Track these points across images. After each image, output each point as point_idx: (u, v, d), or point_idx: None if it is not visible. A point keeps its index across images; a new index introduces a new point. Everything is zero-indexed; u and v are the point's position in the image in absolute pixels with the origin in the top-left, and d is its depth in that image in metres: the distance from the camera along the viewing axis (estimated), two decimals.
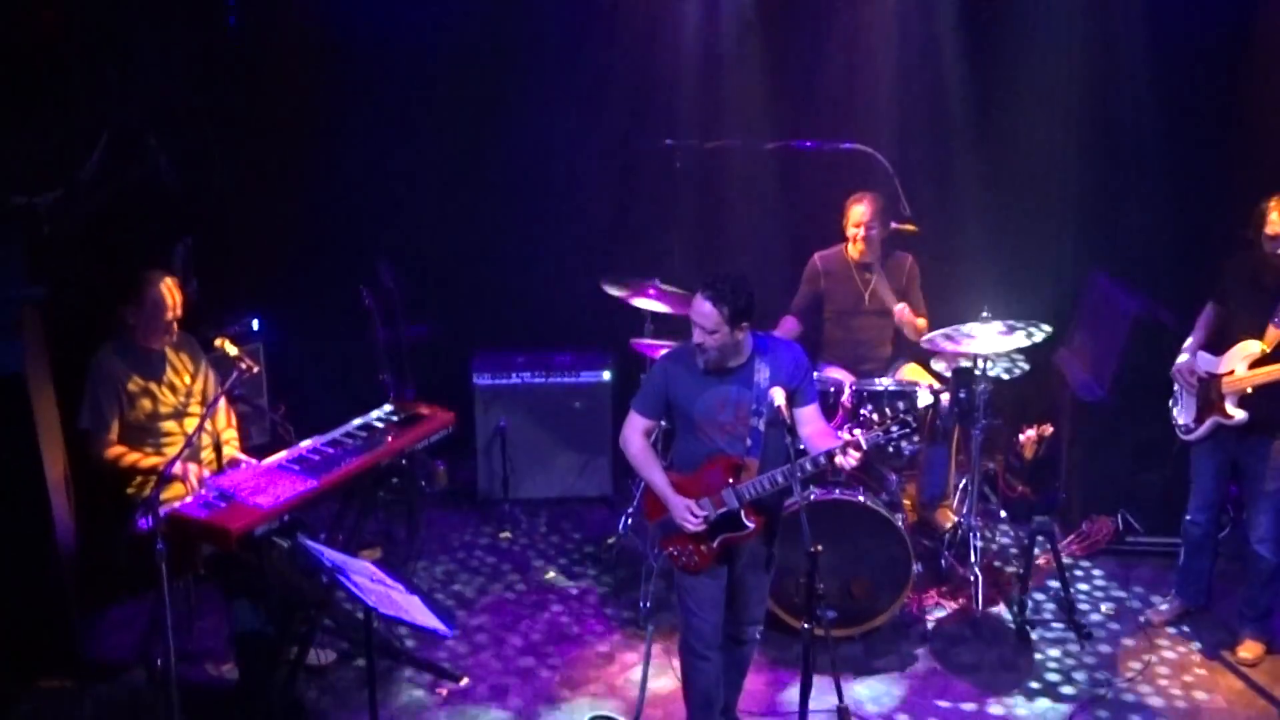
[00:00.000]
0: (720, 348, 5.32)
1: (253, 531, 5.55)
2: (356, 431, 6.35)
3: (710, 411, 5.43)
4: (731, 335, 5.29)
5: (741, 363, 5.41)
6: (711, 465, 5.44)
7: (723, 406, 5.41)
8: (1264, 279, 6.16)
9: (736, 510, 5.39)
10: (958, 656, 6.65)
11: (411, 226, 8.25)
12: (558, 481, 8.16)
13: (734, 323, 5.25)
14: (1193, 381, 6.36)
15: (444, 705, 6.29)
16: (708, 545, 5.45)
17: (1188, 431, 6.46)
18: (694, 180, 8.19)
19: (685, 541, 5.47)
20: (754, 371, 5.38)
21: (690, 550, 5.47)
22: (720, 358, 5.36)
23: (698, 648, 5.62)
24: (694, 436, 5.50)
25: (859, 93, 8.11)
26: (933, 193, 7.80)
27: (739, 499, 5.37)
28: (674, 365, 5.54)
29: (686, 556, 5.50)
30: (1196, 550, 6.76)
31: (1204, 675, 6.49)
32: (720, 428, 5.43)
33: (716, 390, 5.41)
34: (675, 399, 5.50)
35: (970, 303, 6.98)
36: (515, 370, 8.06)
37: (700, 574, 5.51)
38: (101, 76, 6.79)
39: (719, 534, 5.43)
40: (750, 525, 5.41)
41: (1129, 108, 7.99)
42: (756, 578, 5.61)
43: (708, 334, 5.28)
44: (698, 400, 5.44)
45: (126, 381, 6.15)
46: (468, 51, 8.11)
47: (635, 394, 5.66)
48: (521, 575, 7.43)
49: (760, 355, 5.42)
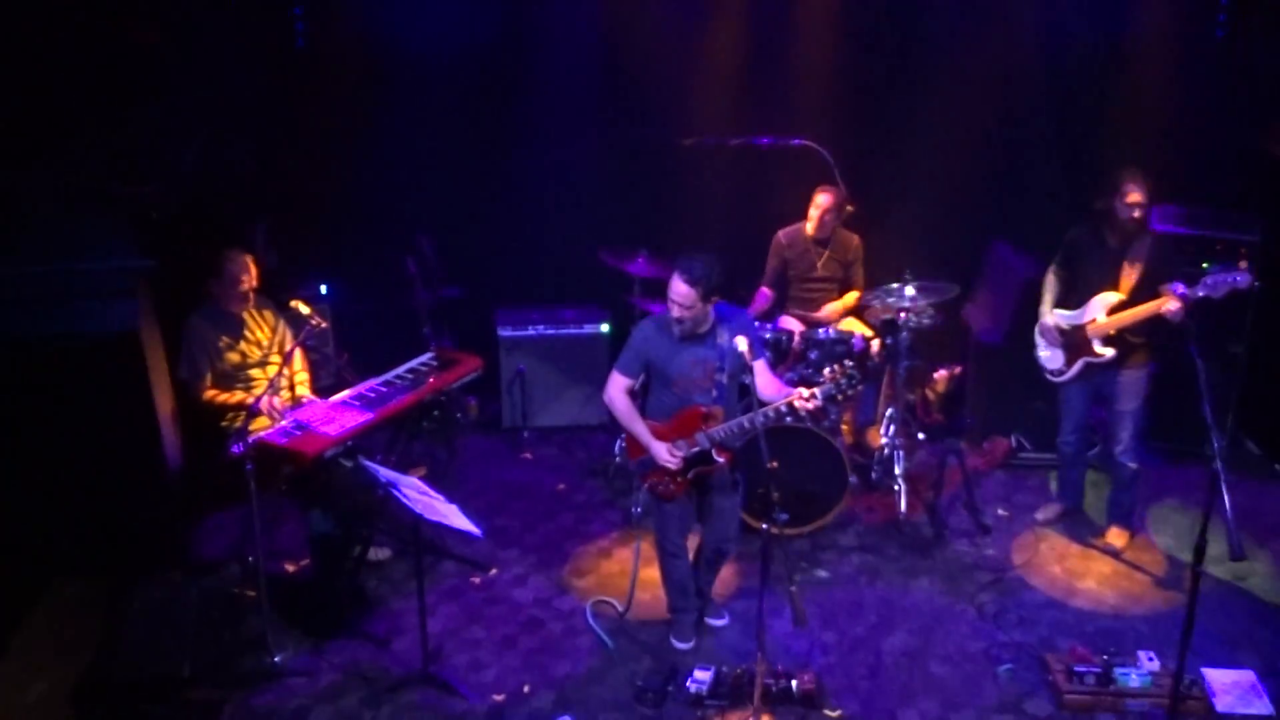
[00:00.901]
0: (694, 320, 5.36)
1: (323, 454, 5.64)
2: (404, 374, 6.40)
3: (684, 370, 5.47)
4: (704, 309, 5.34)
5: (708, 328, 5.45)
6: (684, 414, 5.50)
7: (694, 365, 5.46)
8: (1110, 240, 6.20)
9: (708, 449, 5.47)
10: (885, 550, 6.75)
11: (446, 206, 8.22)
12: (566, 412, 8.19)
13: (706, 299, 5.29)
14: (1058, 335, 6.42)
15: (478, 590, 6.40)
16: (683, 477, 5.55)
17: (1060, 374, 6.50)
18: (673, 169, 8.19)
19: (662, 475, 5.56)
20: (717, 335, 5.42)
21: (667, 482, 5.57)
22: (693, 327, 5.41)
23: (669, 548, 5.79)
24: (668, 391, 5.54)
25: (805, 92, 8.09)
26: (864, 176, 7.79)
27: (710, 440, 5.45)
28: (652, 333, 5.54)
29: (664, 487, 5.60)
30: (1070, 464, 6.85)
31: (1079, 561, 6.60)
32: (692, 383, 5.48)
33: (689, 352, 5.45)
34: (654, 361, 5.52)
35: (895, 266, 7.02)
36: (531, 323, 8.07)
37: (674, 500, 5.63)
38: (195, 86, 6.78)
39: (692, 468, 5.52)
40: (720, 460, 5.51)
41: (1024, 102, 7.97)
42: (727, 500, 5.69)
43: (685, 310, 5.30)
44: (673, 361, 5.47)
45: (215, 340, 6.20)
46: (491, 63, 8.06)
47: (618, 357, 5.65)
48: (538, 487, 7.50)
49: (721, 322, 5.46)
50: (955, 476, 7.12)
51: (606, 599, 6.25)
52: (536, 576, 6.52)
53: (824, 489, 6.69)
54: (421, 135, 8.08)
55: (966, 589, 6.36)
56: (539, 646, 5.93)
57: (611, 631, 6.02)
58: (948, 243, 7.96)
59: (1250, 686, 5.46)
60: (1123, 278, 6.15)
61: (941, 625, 6.07)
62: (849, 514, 6.99)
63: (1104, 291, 6.20)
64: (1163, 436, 7.26)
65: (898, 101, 8.10)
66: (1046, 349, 6.52)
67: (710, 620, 6.06)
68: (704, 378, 5.46)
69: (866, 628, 6.06)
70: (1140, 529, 6.79)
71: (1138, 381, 6.32)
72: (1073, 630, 6.00)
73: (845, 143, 7.77)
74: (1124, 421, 6.40)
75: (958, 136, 8.02)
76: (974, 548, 6.75)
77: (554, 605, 6.26)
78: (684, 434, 5.48)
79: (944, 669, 5.74)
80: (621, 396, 5.58)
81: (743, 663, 5.64)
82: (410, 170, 8.14)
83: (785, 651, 5.83)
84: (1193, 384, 4.99)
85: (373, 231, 8.09)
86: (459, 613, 6.19)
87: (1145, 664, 5.50)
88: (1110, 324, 6.18)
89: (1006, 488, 7.38)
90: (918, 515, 7.03)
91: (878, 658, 5.83)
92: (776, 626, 5.92)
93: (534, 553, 6.75)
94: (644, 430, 5.54)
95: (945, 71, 8.03)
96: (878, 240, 7.75)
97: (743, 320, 5.58)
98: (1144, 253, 6.11)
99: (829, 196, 7.24)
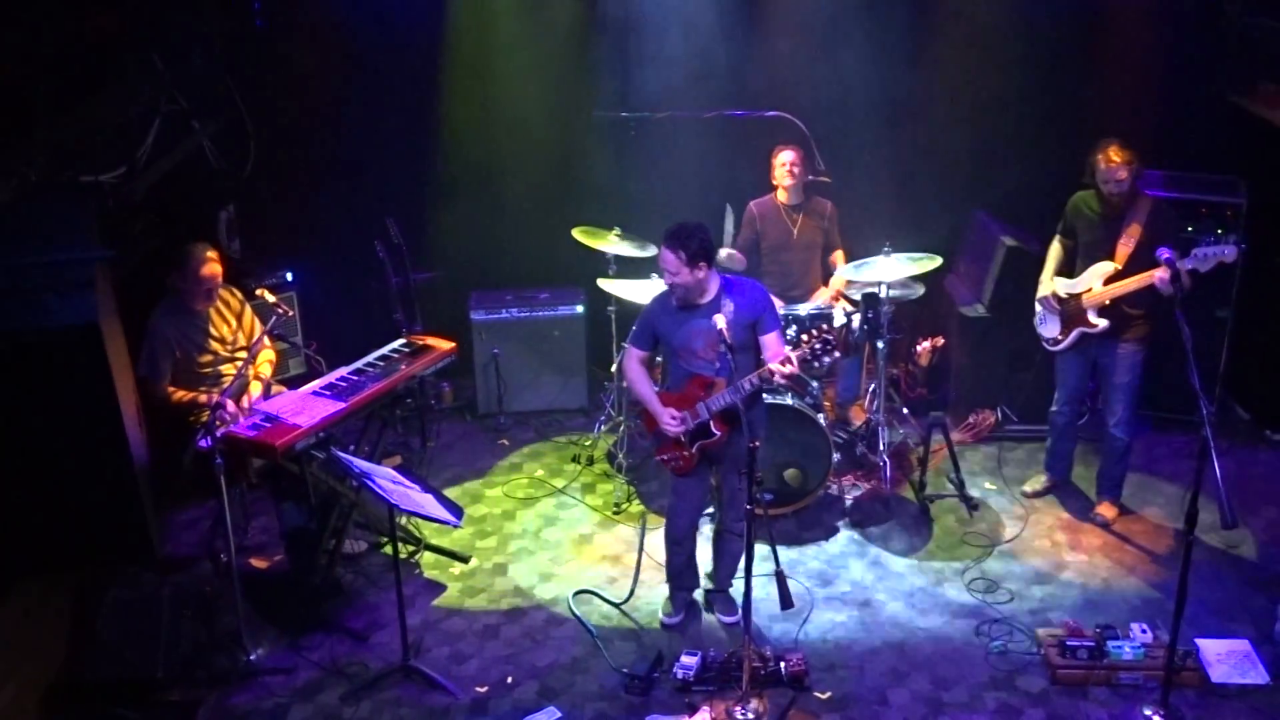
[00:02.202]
0: (685, 286, 5.42)
1: (294, 446, 5.57)
2: (376, 361, 6.33)
3: (686, 341, 5.53)
4: (692, 274, 5.37)
5: (709, 300, 5.49)
6: (690, 384, 5.56)
7: (695, 336, 5.51)
8: (1104, 212, 6.19)
9: (707, 420, 5.50)
10: (871, 527, 6.73)
11: (416, 188, 8.13)
12: (543, 397, 8.12)
13: (691, 264, 5.34)
14: (1055, 304, 6.40)
15: (456, 581, 6.34)
16: (689, 451, 5.59)
17: (1055, 344, 6.49)
18: (646, 145, 8.12)
19: (671, 448, 5.63)
20: (721, 307, 5.44)
21: (677, 455, 5.63)
22: (686, 294, 5.47)
23: (674, 536, 5.88)
24: (677, 363, 5.63)
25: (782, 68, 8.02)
26: (844, 149, 7.74)
27: (708, 410, 5.48)
28: (657, 306, 5.68)
29: (674, 460, 5.66)
30: (1061, 435, 6.84)
31: (1069, 534, 6.60)
32: (694, 354, 5.54)
33: (691, 324, 5.51)
34: (660, 333, 5.64)
35: (875, 239, 6.98)
36: (505, 306, 8.00)
37: (688, 476, 5.69)
38: (152, 71, 6.67)
39: (696, 441, 5.56)
40: (717, 433, 5.53)
41: (1003, 75, 7.90)
42: (738, 480, 5.57)
43: (673, 276, 5.39)
44: (676, 333, 5.55)
45: (178, 338, 6.13)
46: (459, 39, 7.97)
47: (630, 332, 5.82)
48: (515, 475, 7.44)
49: (726, 293, 5.50)
50: (940, 451, 7.10)
51: (589, 589, 6.21)
52: (517, 565, 6.47)
53: (808, 466, 6.64)
54: (388, 116, 7.99)
55: (955, 565, 6.34)
56: (521, 636, 5.88)
57: (595, 619, 5.98)
58: (928, 214, 7.92)
59: (1245, 655, 5.46)
60: (1119, 247, 6.12)
61: (931, 602, 6.05)
62: (834, 492, 6.97)
63: (1100, 261, 6.17)
64: (1151, 404, 7.23)
65: (872, 69, 8.02)
66: (1044, 317, 6.50)
67: (722, 617, 6.02)
68: (706, 348, 5.50)
69: (855, 606, 6.03)
70: (1130, 500, 6.76)
71: (1134, 355, 6.30)
72: (1064, 604, 5.99)
73: (820, 114, 7.72)
74: (1119, 395, 6.39)
75: (936, 105, 7.99)
76: (961, 523, 6.73)
77: (535, 594, 6.21)
78: (688, 404, 5.55)
79: (934, 647, 5.72)
80: (635, 366, 5.72)
81: (729, 647, 5.61)
82: (377, 152, 8.05)
83: (773, 634, 5.80)
84: (1180, 350, 4.97)
85: (340, 216, 7.99)
86: (438, 604, 6.13)
87: (1138, 636, 5.49)
88: (1105, 294, 6.15)
89: (993, 461, 7.35)
90: (903, 491, 7.00)
91: (867, 637, 5.80)
92: (763, 608, 5.88)
93: (514, 541, 6.69)
94: (651, 394, 5.65)
95: (922, 37, 7.96)
96: (856, 213, 7.71)
97: (755, 291, 5.58)
98: (1141, 221, 6.07)
99: (792, 151, 7.24)
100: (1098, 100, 7.80)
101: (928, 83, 7.97)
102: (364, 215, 7.78)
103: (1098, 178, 6.09)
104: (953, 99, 7.96)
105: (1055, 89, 7.89)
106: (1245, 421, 7.64)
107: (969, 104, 7.96)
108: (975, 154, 8.07)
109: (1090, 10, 7.78)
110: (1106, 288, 6.15)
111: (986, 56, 7.89)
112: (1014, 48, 7.84)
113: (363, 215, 7.79)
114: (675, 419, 5.52)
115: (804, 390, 6.83)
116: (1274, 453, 7.33)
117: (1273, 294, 7.24)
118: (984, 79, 7.92)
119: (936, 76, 7.96)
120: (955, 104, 7.96)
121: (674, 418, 5.53)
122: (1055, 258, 6.47)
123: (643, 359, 5.74)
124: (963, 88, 7.95)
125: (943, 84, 7.96)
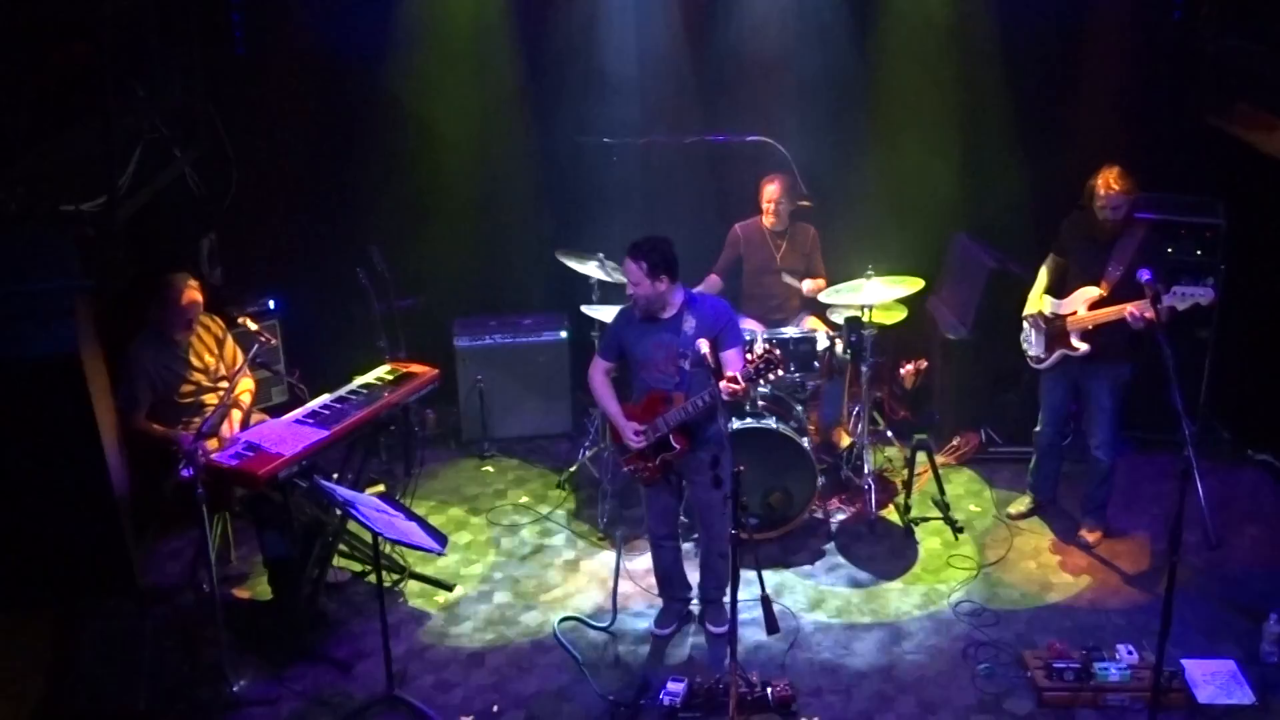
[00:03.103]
0: (646, 297, 5.50)
1: (277, 475, 5.54)
2: (359, 389, 6.33)
3: (647, 354, 5.62)
4: (653, 286, 5.46)
5: (672, 314, 5.57)
6: (651, 398, 5.63)
7: (656, 349, 5.59)
8: (1097, 236, 6.22)
9: (666, 433, 5.56)
10: (856, 551, 6.73)
11: (399, 215, 8.13)
12: (527, 422, 8.11)
13: (652, 275, 5.44)
14: (1041, 323, 6.43)
15: (441, 609, 6.31)
16: (652, 462, 5.67)
17: (1039, 362, 6.51)
18: (629, 170, 8.13)
19: (636, 459, 5.71)
20: (682, 322, 5.53)
21: (641, 466, 5.71)
22: (648, 305, 5.55)
23: (653, 539, 6.00)
24: (640, 375, 5.72)
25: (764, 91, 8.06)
26: (826, 173, 7.77)
27: (666, 425, 5.55)
28: (623, 318, 5.79)
29: (640, 470, 5.75)
30: (1045, 455, 6.86)
31: (1054, 556, 6.61)
32: (655, 367, 5.61)
33: (652, 337, 5.59)
34: (624, 344, 5.72)
35: (858, 262, 6.99)
36: (488, 332, 7.99)
37: (654, 486, 5.78)
38: (132, 98, 6.66)
39: (659, 453, 5.64)
40: (677, 446, 5.61)
41: (986, 97, 7.97)
42: (708, 494, 5.59)
43: (634, 286, 5.50)
44: (638, 345, 5.64)
45: (157, 369, 6.11)
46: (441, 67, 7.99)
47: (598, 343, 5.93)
48: (500, 501, 7.41)
49: (689, 308, 5.57)
50: (925, 473, 7.10)
51: (574, 616, 6.19)
52: (502, 592, 6.45)
53: (793, 490, 6.64)
54: (369, 142, 7.99)
55: (940, 588, 6.34)
56: (507, 664, 5.86)
57: (581, 646, 5.95)
58: (910, 236, 7.95)
59: (1231, 676, 5.47)
60: (1107, 272, 6.15)
61: (917, 625, 6.05)
62: (819, 516, 6.96)
63: (1088, 285, 6.20)
64: (1133, 424, 7.25)
65: (855, 95, 8.08)
66: (1031, 335, 6.52)
67: (710, 626, 6.03)
68: (666, 361, 5.57)
69: (841, 630, 6.02)
70: (1114, 521, 6.78)
71: (1115, 379, 6.32)
72: (1050, 626, 6.00)
73: (802, 138, 7.74)
74: (1100, 418, 6.42)
75: (917, 128, 8.02)
76: (946, 546, 6.73)
77: (521, 621, 6.19)
78: (649, 417, 5.62)
79: (921, 670, 5.71)
80: (598, 375, 5.84)
81: (715, 673, 5.59)
82: (359, 179, 8.06)
83: (759, 659, 5.79)
84: (1162, 371, 5.00)
85: (322, 243, 7.99)
86: (423, 633, 6.10)
87: (1125, 657, 5.50)
88: (1087, 319, 6.18)
89: (978, 483, 7.37)
90: (888, 514, 7.00)
91: (854, 661, 5.79)
92: (749, 634, 5.87)
93: (499, 568, 6.67)
94: (615, 409, 5.74)
95: (901, 61, 8.02)
96: (839, 236, 7.75)
97: (716, 307, 5.65)
98: (1131, 248, 6.11)
99: (776, 185, 7.26)
100: (1077, 122, 7.85)
101: (909, 106, 8.02)
102: (346, 242, 7.77)
103: (1095, 202, 6.10)
104: (934, 122, 8.00)
105: (1035, 112, 7.94)
106: (1227, 441, 7.66)
107: (950, 126, 8.01)
108: (957, 176, 8.11)
109: (1068, 34, 7.85)
110: (1090, 313, 6.18)
111: (966, 79, 7.95)
112: (993, 71, 7.90)
113: (345, 242, 7.79)
114: (638, 434, 5.62)
115: (788, 414, 6.84)
116: (1256, 471, 7.36)
117: (1253, 313, 7.28)
118: (964, 102, 7.98)
119: (917, 100, 8.01)
120: (937, 127, 8.00)
121: (637, 432, 5.63)
122: (1046, 275, 6.49)
123: (608, 370, 5.84)
124: (943, 110, 8.00)
125: (924, 107, 8.01)
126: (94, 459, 5.73)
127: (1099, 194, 6.08)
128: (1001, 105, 7.98)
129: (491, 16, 7.91)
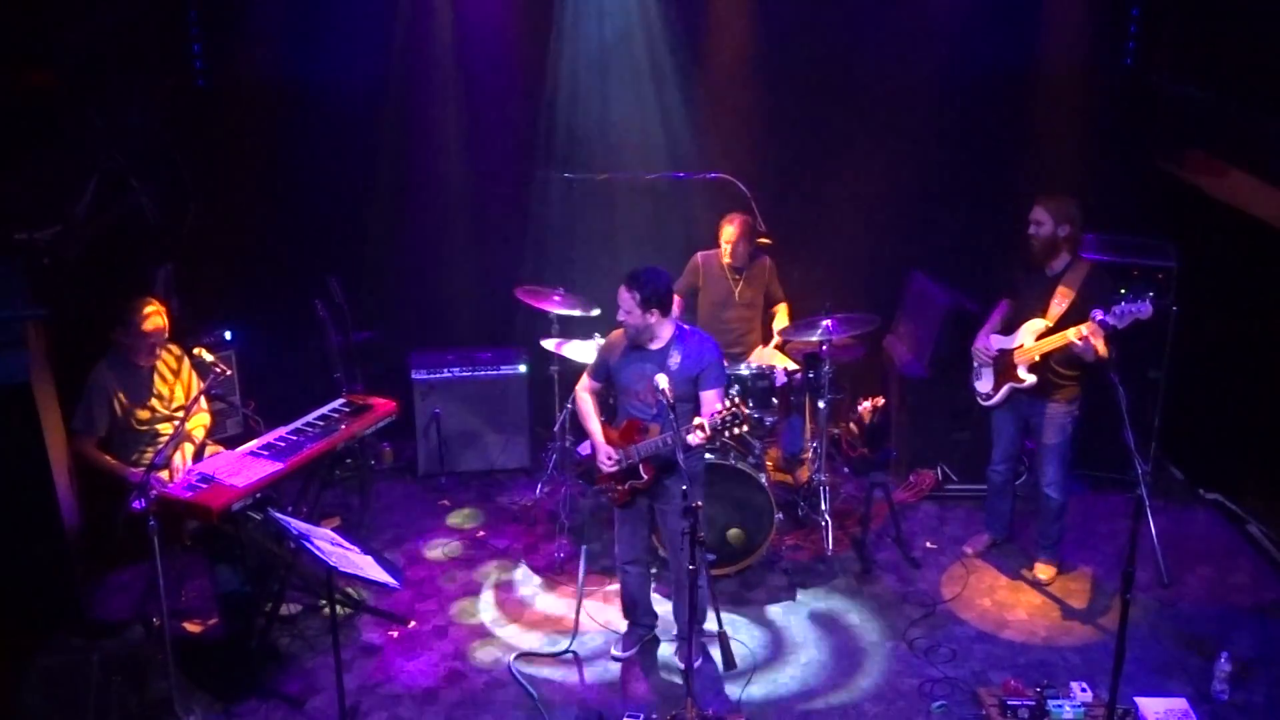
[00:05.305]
0: (635, 327, 5.57)
1: (230, 507, 5.49)
2: (315, 421, 6.28)
3: (630, 381, 5.70)
4: (643, 318, 5.52)
5: (660, 346, 5.63)
6: (629, 424, 5.71)
7: (638, 378, 5.66)
8: (1032, 264, 6.32)
9: (636, 462, 5.61)
10: (813, 586, 6.73)
11: (357, 247, 8.14)
12: (485, 457, 8.07)
13: (644, 307, 5.50)
14: (988, 358, 6.49)
15: (396, 644, 6.26)
16: (621, 486, 5.75)
17: (987, 399, 6.57)
18: (590, 205, 8.18)
19: (606, 480, 5.79)
20: (668, 355, 5.59)
21: (610, 488, 5.81)
22: (636, 335, 5.62)
23: (620, 563, 6.03)
24: (622, 401, 5.81)
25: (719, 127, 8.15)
26: (781, 209, 7.84)
27: (637, 454, 5.62)
28: (615, 340, 5.82)
29: (609, 492, 5.85)
30: (998, 493, 6.91)
31: (1009, 593, 6.64)
32: (636, 395, 5.69)
33: (637, 365, 5.66)
34: (611, 368, 5.79)
35: (815, 299, 7.05)
36: (446, 366, 7.96)
37: (624, 510, 5.86)
38: (90, 127, 6.62)
39: (628, 479, 5.71)
40: (645, 476, 5.68)
41: (939, 140, 8.11)
42: (675, 522, 5.58)
43: (625, 314, 5.57)
44: (623, 371, 5.72)
45: (119, 395, 6.06)
46: (402, 100, 8.02)
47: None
48: (456, 535, 7.37)
49: (677, 343, 5.63)
50: (882, 510, 7.14)
51: (530, 651, 6.15)
52: (457, 627, 6.40)
53: (750, 526, 6.64)
54: (328, 175, 7.99)
55: (897, 624, 6.36)
56: (462, 701, 5.80)
57: (537, 681, 5.92)
58: (867, 274, 8.03)
59: (1183, 714, 5.50)
60: (1052, 305, 6.24)
61: (873, 662, 6.06)
62: (776, 551, 6.95)
63: (1034, 318, 6.28)
64: (1086, 464, 7.35)
65: (812, 134, 8.18)
66: (979, 371, 6.59)
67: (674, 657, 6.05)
68: (645, 392, 5.63)
69: (797, 667, 6.02)
70: (1067, 559, 6.83)
71: (1063, 417, 6.39)
72: (1005, 663, 6.02)
73: (761, 176, 7.82)
74: (1049, 455, 6.48)
75: (873, 167, 8.11)
76: (903, 582, 6.75)
77: (476, 657, 6.14)
78: (625, 443, 5.70)
79: (877, 707, 5.72)
80: (583, 394, 5.93)
81: (672, 708, 5.57)
82: (317, 211, 8.05)
83: (715, 694, 5.78)
84: (1114, 411, 5.07)
85: (279, 274, 7.96)
86: (377, 668, 6.04)
87: (1078, 695, 5.53)
88: (1033, 350, 6.25)
89: (934, 520, 7.41)
90: (845, 551, 7.03)
91: (810, 696, 5.79)
92: (706, 669, 5.86)
93: (454, 602, 6.63)
94: (595, 429, 5.81)
95: (858, 102, 8.14)
96: (797, 273, 7.81)
97: (704, 346, 5.66)
98: (1076, 282, 6.20)
99: (734, 227, 7.30)
100: (1031, 164, 7.98)
101: (864, 148, 8.12)
102: (304, 274, 7.74)
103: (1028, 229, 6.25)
104: (889, 163, 8.09)
105: (988, 154, 8.09)
106: (1179, 481, 7.76)
107: (905, 168, 8.11)
108: (912, 215, 8.21)
109: (1023, 78, 7.99)
110: (1036, 344, 6.25)
111: (923, 121, 8.07)
112: (949, 111, 8.04)
113: (303, 274, 7.75)
114: (611, 460, 5.68)
115: (747, 450, 6.86)
116: (1208, 511, 7.45)
117: (1204, 354, 7.39)
118: (920, 142, 8.09)
119: (872, 142, 8.11)
120: (891, 168, 8.10)
121: (610, 458, 5.69)
122: (1001, 316, 6.55)
123: (594, 389, 5.90)
124: (898, 152, 8.09)
125: (878, 149, 8.10)
126: (44, 490, 5.69)
127: (1030, 219, 6.23)
128: (957, 147, 8.11)
129: (450, 52, 7.96)
